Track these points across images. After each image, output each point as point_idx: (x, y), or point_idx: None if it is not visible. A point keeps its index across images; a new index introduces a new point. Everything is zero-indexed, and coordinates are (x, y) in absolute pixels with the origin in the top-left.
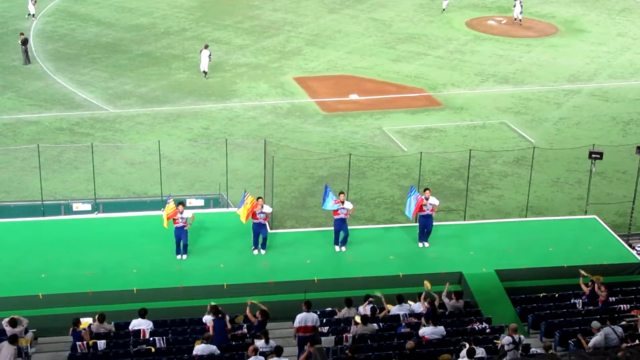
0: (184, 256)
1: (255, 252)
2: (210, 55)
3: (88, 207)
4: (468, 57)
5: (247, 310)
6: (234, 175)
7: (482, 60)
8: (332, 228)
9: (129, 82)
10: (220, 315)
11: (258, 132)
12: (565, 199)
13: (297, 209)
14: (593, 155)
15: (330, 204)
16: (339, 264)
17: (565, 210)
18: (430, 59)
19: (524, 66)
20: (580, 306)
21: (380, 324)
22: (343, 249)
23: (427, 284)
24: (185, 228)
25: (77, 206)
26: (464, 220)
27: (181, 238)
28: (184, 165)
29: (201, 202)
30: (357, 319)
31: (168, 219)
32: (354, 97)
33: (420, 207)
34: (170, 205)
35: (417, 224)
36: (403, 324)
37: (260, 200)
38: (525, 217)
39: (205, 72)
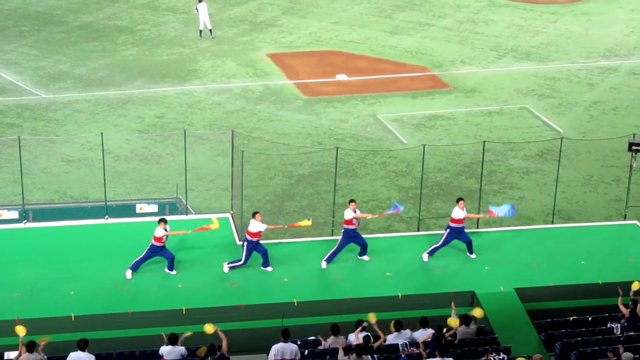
0: (173, 271)
1: (226, 269)
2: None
3: (15, 214)
4: (481, 28)
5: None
6: (194, 174)
7: (498, 31)
8: (318, 238)
9: (65, 61)
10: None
11: (224, 122)
12: (600, 201)
13: (273, 215)
14: (634, 147)
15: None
16: (323, 282)
17: (600, 214)
18: (435, 31)
19: (550, 39)
20: (619, 331)
21: (375, 355)
22: (366, 258)
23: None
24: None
25: (1, 214)
26: (477, 227)
27: (157, 255)
28: (133, 162)
29: (154, 208)
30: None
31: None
32: (341, 77)
33: (457, 220)
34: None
35: (445, 236)
36: (402, 356)
37: (258, 216)
38: (552, 223)
39: (210, 31)
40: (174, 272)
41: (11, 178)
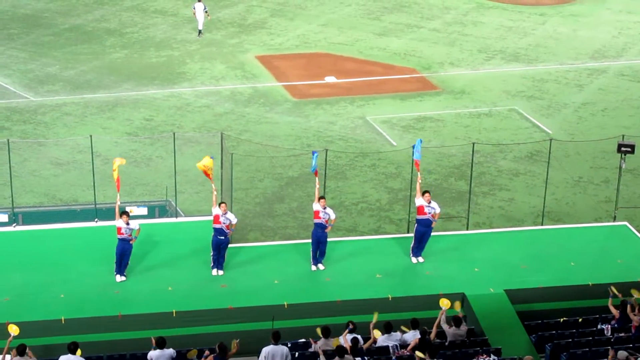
0: (123, 277)
1: (214, 272)
2: (205, 9)
3: (4, 217)
4: (470, 30)
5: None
6: (184, 177)
7: (486, 33)
8: (307, 240)
9: (54, 64)
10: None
11: (213, 124)
12: (590, 203)
13: (262, 217)
14: (623, 149)
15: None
16: (314, 284)
17: (589, 216)
18: (423, 33)
19: (538, 40)
20: (609, 333)
21: (365, 357)
22: (321, 267)
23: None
24: (130, 242)
25: None
26: (467, 229)
27: (124, 254)
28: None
29: (144, 211)
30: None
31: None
32: (330, 79)
33: (421, 211)
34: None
35: (413, 235)
36: (393, 358)
37: (223, 205)
38: (541, 224)
39: (199, 31)
40: (123, 278)
41: (0, 181)
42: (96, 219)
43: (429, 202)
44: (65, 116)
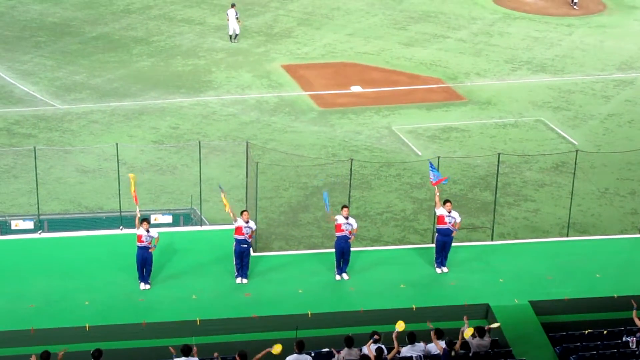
0: (147, 285)
1: (239, 280)
2: (237, 15)
3: (30, 224)
4: (496, 40)
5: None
6: (209, 185)
7: (513, 43)
8: (331, 250)
9: (81, 72)
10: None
11: (239, 133)
12: (616, 214)
13: (287, 226)
14: None
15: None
16: (337, 294)
17: (615, 227)
18: (449, 43)
19: (565, 51)
20: (635, 345)
21: None
22: (345, 276)
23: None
24: (150, 250)
25: (16, 224)
26: (492, 240)
27: (145, 262)
28: (148, 173)
29: (169, 219)
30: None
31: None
32: (356, 89)
33: (441, 221)
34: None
35: (434, 245)
36: None
37: (245, 213)
38: (567, 236)
39: (235, 36)
40: (147, 286)
41: (27, 188)
42: (121, 227)
43: (450, 212)
44: (91, 124)
